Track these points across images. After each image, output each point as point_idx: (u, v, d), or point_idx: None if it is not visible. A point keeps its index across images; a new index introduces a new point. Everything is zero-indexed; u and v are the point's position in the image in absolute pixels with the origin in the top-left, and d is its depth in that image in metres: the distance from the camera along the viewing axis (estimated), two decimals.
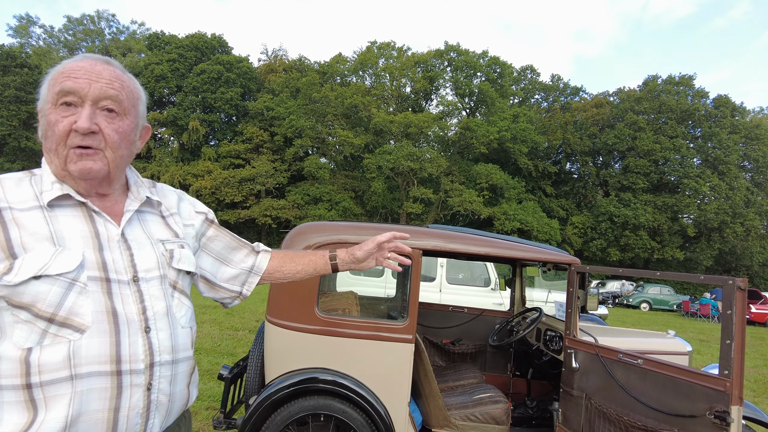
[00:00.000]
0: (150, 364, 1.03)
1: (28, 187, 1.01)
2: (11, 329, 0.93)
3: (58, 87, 1.00)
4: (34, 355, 0.92)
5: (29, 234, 0.96)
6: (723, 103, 38.14)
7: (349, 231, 3.02)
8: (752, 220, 35.82)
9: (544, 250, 3.19)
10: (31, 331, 0.93)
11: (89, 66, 1.03)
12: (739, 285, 2.08)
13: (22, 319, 0.93)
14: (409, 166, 33.75)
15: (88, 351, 0.95)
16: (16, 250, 0.93)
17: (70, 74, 1.01)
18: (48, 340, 0.93)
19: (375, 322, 2.91)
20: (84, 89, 1.00)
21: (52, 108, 1.01)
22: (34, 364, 0.92)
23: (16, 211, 0.97)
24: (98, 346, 0.96)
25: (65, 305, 0.94)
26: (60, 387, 0.93)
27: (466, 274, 8.56)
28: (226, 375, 3.07)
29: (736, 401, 2.05)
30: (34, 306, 0.93)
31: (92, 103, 1.01)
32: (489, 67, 39.47)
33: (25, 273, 0.92)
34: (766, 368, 8.75)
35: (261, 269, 1.42)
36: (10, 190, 0.99)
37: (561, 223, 37.85)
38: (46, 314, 0.93)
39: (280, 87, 39.50)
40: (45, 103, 1.03)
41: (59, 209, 1.01)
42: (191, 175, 36.75)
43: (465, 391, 3.45)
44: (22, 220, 0.96)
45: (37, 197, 1.00)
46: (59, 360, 0.93)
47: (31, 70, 35.86)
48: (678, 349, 3.18)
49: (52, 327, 0.94)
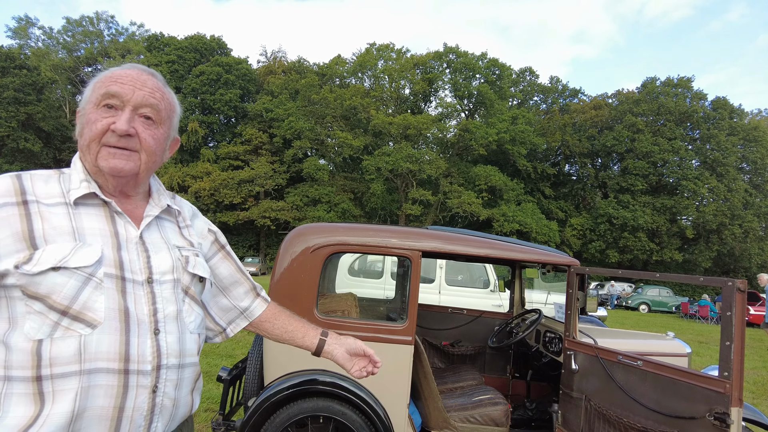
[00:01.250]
0: (157, 367, 1.03)
1: (56, 184, 1.05)
2: (23, 320, 0.94)
3: (103, 89, 1.06)
4: (45, 347, 0.93)
5: (51, 227, 0.98)
6: (721, 105, 38.23)
7: (348, 232, 3.01)
8: (750, 222, 35.89)
9: (543, 252, 3.19)
10: (42, 322, 0.94)
11: (136, 74, 1.09)
12: (739, 286, 2.09)
13: (35, 310, 0.94)
14: (408, 168, 33.78)
15: (97, 347, 0.96)
16: (37, 241, 0.96)
17: (117, 79, 1.07)
18: (59, 333, 0.94)
19: (374, 324, 2.91)
20: (128, 94, 1.06)
21: (94, 108, 1.06)
22: (45, 356, 0.93)
23: (42, 205, 1.00)
24: (108, 343, 0.97)
25: (80, 299, 0.96)
26: (68, 381, 0.93)
27: (466, 276, 8.56)
28: (225, 377, 3.06)
29: (735, 403, 2.05)
30: (49, 297, 0.94)
31: (133, 108, 1.07)
32: (488, 69, 39.53)
33: (45, 263, 0.94)
34: (765, 370, 8.75)
35: (253, 315, 1.38)
36: (38, 185, 1.03)
37: (560, 224, 37.90)
38: (61, 306, 0.94)
39: (279, 89, 39.52)
40: (87, 103, 1.09)
41: (83, 207, 1.05)
42: (190, 176, 36.74)
43: (464, 393, 3.44)
44: (47, 214, 0.99)
45: (64, 194, 1.04)
46: (70, 354, 0.94)
47: (29, 71, 35.85)
48: (677, 350, 3.17)
49: (64, 320, 0.95)
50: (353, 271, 8.02)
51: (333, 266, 4.93)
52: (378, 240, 2.95)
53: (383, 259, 7.98)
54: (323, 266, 2.92)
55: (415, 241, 2.95)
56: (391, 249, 2.95)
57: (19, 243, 0.94)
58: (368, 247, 2.97)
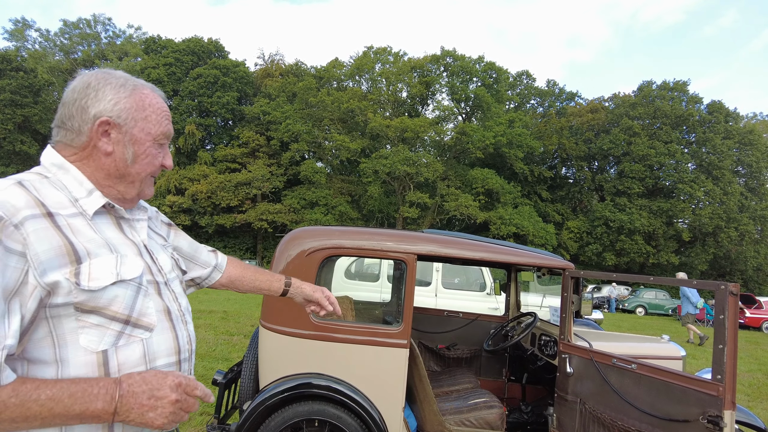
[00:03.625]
0: (190, 352, 1.17)
1: (54, 190, 1.01)
2: (74, 335, 0.94)
3: (164, 128, 1.14)
4: (111, 356, 0.97)
5: (87, 240, 0.98)
6: (717, 108, 38.43)
7: (343, 236, 3.02)
8: (746, 225, 36.04)
9: (538, 255, 3.20)
10: (103, 334, 0.97)
11: (167, 108, 1.18)
12: (731, 290, 2.10)
13: (91, 323, 0.96)
14: (405, 171, 33.80)
15: (158, 346, 1.06)
16: (80, 255, 0.95)
17: (169, 118, 1.16)
18: (123, 341, 0.99)
19: (370, 327, 2.91)
20: (171, 134, 1.18)
21: (153, 143, 1.12)
22: (113, 365, 0.97)
23: (65, 217, 0.97)
24: (164, 341, 1.07)
25: (136, 307, 1.02)
26: None
27: (462, 279, 8.58)
28: (221, 380, 3.06)
29: (728, 406, 2.06)
30: (108, 309, 0.97)
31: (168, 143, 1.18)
32: (485, 73, 39.63)
33: (105, 278, 0.97)
34: (760, 372, 8.78)
35: (222, 267, 1.55)
36: (45, 193, 0.98)
37: (557, 227, 37.98)
38: (123, 316, 0.99)
39: (276, 91, 39.52)
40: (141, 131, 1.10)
41: (96, 217, 1.05)
42: (187, 179, 36.66)
43: (460, 396, 3.45)
44: (76, 226, 0.98)
45: (73, 203, 1.01)
46: (137, 358, 1.01)
47: (26, 73, 35.77)
48: (672, 353, 3.19)
49: (127, 328, 1.00)
50: (350, 274, 8.02)
51: (329, 269, 4.93)
52: (373, 243, 2.96)
53: (380, 263, 7.99)
54: (319, 269, 2.93)
55: (410, 245, 2.96)
56: (387, 252, 2.96)
57: (62, 257, 0.92)
58: (364, 250, 2.98)
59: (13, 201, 0.90)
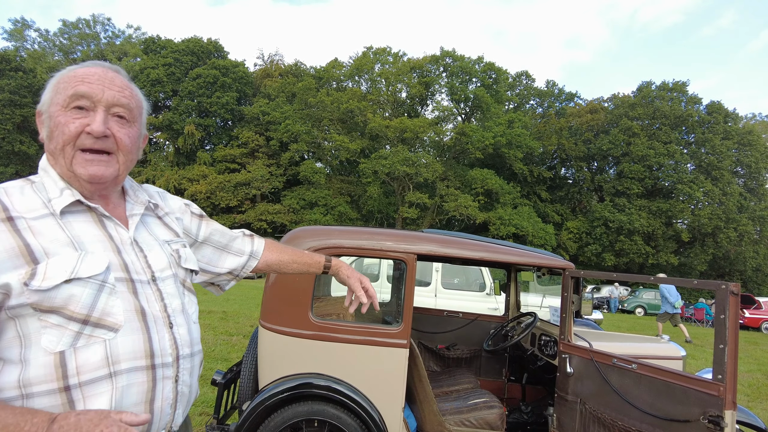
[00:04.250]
0: (176, 358, 1.09)
1: (32, 195, 1.01)
2: (37, 335, 0.93)
3: (71, 90, 1.03)
4: (69, 358, 0.93)
5: (49, 240, 0.96)
6: (716, 109, 38.45)
7: (343, 236, 3.01)
8: (745, 226, 36.05)
9: (538, 255, 3.19)
10: (62, 334, 0.94)
11: (102, 72, 1.07)
12: (732, 290, 2.09)
13: (51, 323, 0.93)
14: (404, 171, 33.80)
15: (124, 348, 0.99)
16: (37, 256, 0.94)
17: (83, 78, 1.04)
18: (82, 342, 0.95)
19: (369, 327, 2.90)
20: (98, 94, 1.04)
21: (62, 110, 1.02)
22: (71, 366, 0.93)
23: (29, 221, 0.97)
24: (132, 343, 1.00)
25: (98, 306, 0.97)
26: (100, 385, 0.95)
27: (462, 279, 8.57)
28: (220, 380, 3.05)
29: (729, 406, 2.06)
30: (65, 308, 0.94)
31: (105, 108, 1.05)
32: (484, 73, 39.65)
33: (57, 277, 0.94)
34: (760, 373, 8.78)
35: (259, 253, 1.54)
36: (16, 199, 0.99)
37: (556, 228, 37.98)
38: (80, 316, 0.95)
39: (276, 92, 39.52)
40: (52, 104, 1.04)
41: (70, 215, 1.03)
42: (186, 179, 36.65)
43: (460, 397, 3.44)
44: (38, 228, 0.97)
45: (46, 205, 1.01)
46: (97, 359, 0.96)
47: (25, 73, 35.73)
48: (672, 353, 3.19)
49: (86, 328, 0.96)
50: None
51: None
52: (373, 243, 2.95)
53: (379, 263, 7.98)
54: None
55: (410, 245, 2.95)
56: (387, 252, 2.95)
57: (16, 259, 0.92)
58: (363, 250, 2.97)
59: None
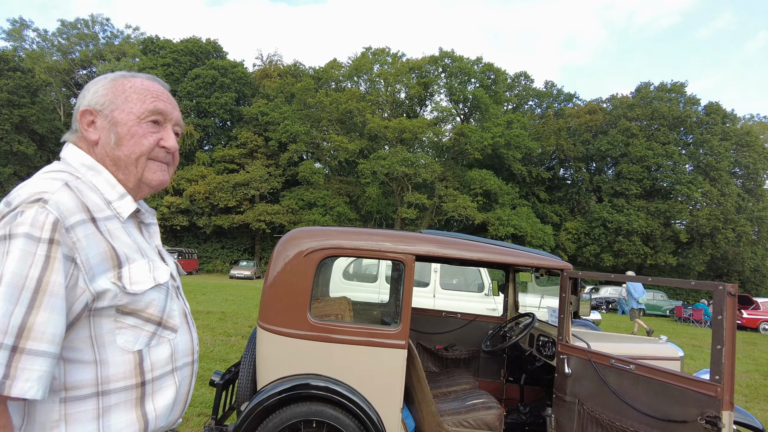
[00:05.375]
0: (198, 354, 1.24)
1: (91, 194, 1.02)
2: (111, 336, 0.98)
3: (150, 105, 1.10)
4: (145, 356, 1.03)
5: (124, 245, 1.03)
6: (714, 110, 38.51)
7: (341, 236, 3.01)
8: (743, 226, 36.10)
9: (536, 256, 3.20)
10: (138, 334, 1.02)
11: (166, 91, 1.17)
12: (729, 291, 2.10)
13: (128, 325, 1.01)
14: (403, 172, 33.79)
15: (181, 346, 1.13)
16: (121, 260, 1.00)
17: (158, 96, 1.13)
18: (155, 341, 1.06)
19: (368, 328, 2.90)
20: (170, 113, 1.15)
21: (138, 121, 1.09)
22: (147, 363, 1.03)
23: (104, 222, 1.00)
24: (185, 342, 1.15)
25: (166, 310, 1.09)
26: (166, 379, 1.08)
27: (460, 280, 8.57)
28: (218, 381, 3.05)
29: (726, 406, 2.06)
30: (144, 311, 1.03)
31: (172, 125, 1.16)
32: (483, 74, 39.65)
33: (145, 282, 1.03)
34: (758, 373, 8.79)
35: None
36: (87, 197, 0.99)
37: (555, 228, 38.00)
38: (156, 318, 1.06)
39: (274, 92, 39.49)
40: (120, 111, 1.08)
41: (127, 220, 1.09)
42: (185, 179, 36.59)
43: (458, 397, 3.44)
44: (113, 231, 1.02)
45: (106, 206, 1.04)
46: (166, 357, 1.08)
47: (24, 73, 35.67)
48: (670, 354, 3.19)
49: (159, 329, 1.07)
50: (348, 275, 8.01)
51: (327, 270, 4.93)
52: (371, 244, 2.95)
53: (378, 263, 7.98)
54: (317, 270, 2.92)
55: (408, 245, 2.96)
56: (385, 253, 2.95)
57: (107, 262, 0.97)
58: (362, 251, 2.97)
59: (66, 204, 0.92)
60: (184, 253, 31.44)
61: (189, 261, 31.73)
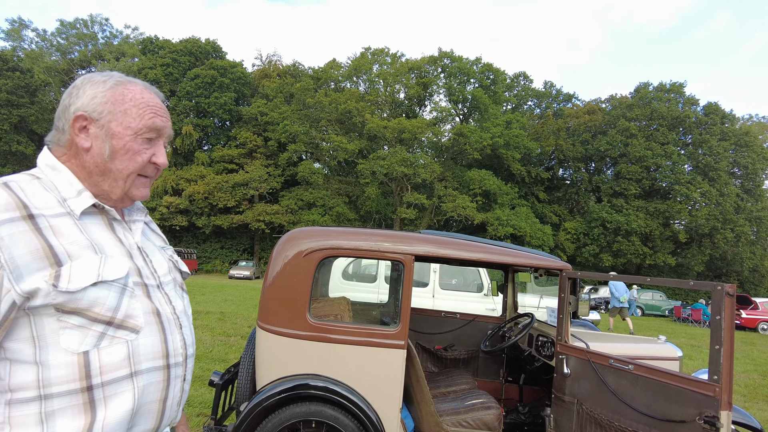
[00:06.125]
0: (185, 357, 1.14)
1: (43, 191, 0.99)
2: (55, 336, 0.93)
3: (148, 121, 1.08)
4: (92, 358, 0.95)
5: (70, 242, 0.96)
6: (713, 110, 38.57)
7: (340, 237, 3.02)
8: (742, 226, 36.16)
9: (535, 256, 3.20)
10: (84, 335, 0.95)
11: (161, 104, 1.14)
12: (728, 291, 2.10)
13: (73, 324, 0.94)
14: (402, 172, 33.80)
15: (144, 349, 1.03)
16: (61, 258, 0.94)
17: (156, 111, 1.10)
18: (105, 342, 0.97)
19: (367, 328, 2.91)
20: (165, 130, 1.12)
21: (134, 137, 1.07)
22: (94, 365, 0.95)
23: (49, 218, 0.96)
24: (151, 344, 1.05)
25: (121, 309, 1.00)
26: (121, 385, 0.98)
27: (459, 280, 8.57)
28: (217, 381, 3.05)
29: (725, 406, 2.06)
30: (90, 310, 0.96)
31: (164, 141, 1.14)
32: (482, 74, 39.67)
33: (85, 280, 0.95)
34: (756, 373, 8.81)
35: None
36: (32, 194, 0.97)
37: (554, 228, 38.02)
38: (105, 318, 0.97)
39: (274, 92, 39.49)
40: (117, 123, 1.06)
41: (85, 217, 1.03)
42: (184, 179, 36.58)
43: (457, 397, 3.44)
44: (58, 228, 0.96)
45: (60, 203, 1.00)
46: (120, 359, 0.98)
47: (22, 73, 35.64)
48: (669, 354, 3.19)
49: (110, 329, 0.98)
50: (347, 275, 8.01)
51: (326, 270, 4.93)
52: (370, 244, 2.96)
53: (377, 263, 7.98)
54: (316, 270, 2.92)
55: (407, 246, 2.96)
56: (384, 253, 2.95)
57: (40, 261, 0.91)
58: (361, 251, 2.98)
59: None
60: (183, 254, 31.41)
61: (188, 261, 31.70)
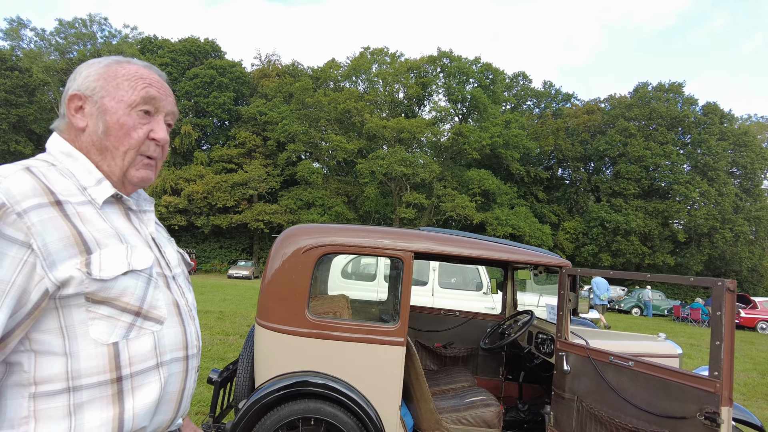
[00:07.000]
0: (198, 349, 1.14)
1: (62, 178, 0.97)
2: (83, 326, 0.91)
3: (141, 92, 1.04)
4: (122, 349, 0.94)
5: (96, 230, 0.95)
6: (712, 110, 38.61)
7: (339, 233, 3.00)
8: (741, 226, 36.20)
9: (535, 253, 3.19)
10: (114, 326, 0.94)
11: (160, 79, 1.09)
12: (728, 286, 2.10)
13: (102, 315, 0.93)
14: (401, 172, 33.80)
15: (168, 339, 1.03)
16: (90, 245, 0.92)
17: (150, 82, 1.06)
18: (134, 333, 0.97)
19: (366, 325, 2.90)
20: (162, 102, 1.07)
21: (128, 110, 1.03)
22: (123, 356, 0.94)
23: (75, 205, 0.94)
24: (173, 335, 1.05)
25: (147, 299, 0.99)
26: (149, 375, 0.99)
27: (459, 279, 8.57)
28: (216, 379, 3.04)
29: (725, 402, 2.06)
30: (119, 300, 0.94)
31: (163, 116, 1.08)
32: (481, 74, 39.69)
33: (117, 268, 0.94)
34: (755, 372, 8.81)
35: None
36: (54, 180, 0.94)
37: (553, 228, 38.05)
38: (134, 308, 0.97)
39: (273, 92, 39.46)
40: (110, 98, 1.02)
41: (106, 206, 1.02)
42: (183, 179, 36.55)
43: (456, 395, 3.44)
44: (85, 215, 0.95)
45: (81, 192, 0.98)
46: (147, 350, 0.98)
47: (21, 73, 35.57)
48: (668, 351, 3.19)
49: (138, 320, 0.97)
50: (346, 274, 8.00)
51: (325, 268, 4.92)
52: (370, 241, 2.95)
53: (376, 261, 7.98)
54: (315, 267, 2.91)
55: (406, 242, 2.95)
56: (383, 250, 2.94)
57: (71, 248, 0.89)
58: (360, 248, 2.96)
59: (18, 188, 0.86)
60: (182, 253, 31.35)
61: None
